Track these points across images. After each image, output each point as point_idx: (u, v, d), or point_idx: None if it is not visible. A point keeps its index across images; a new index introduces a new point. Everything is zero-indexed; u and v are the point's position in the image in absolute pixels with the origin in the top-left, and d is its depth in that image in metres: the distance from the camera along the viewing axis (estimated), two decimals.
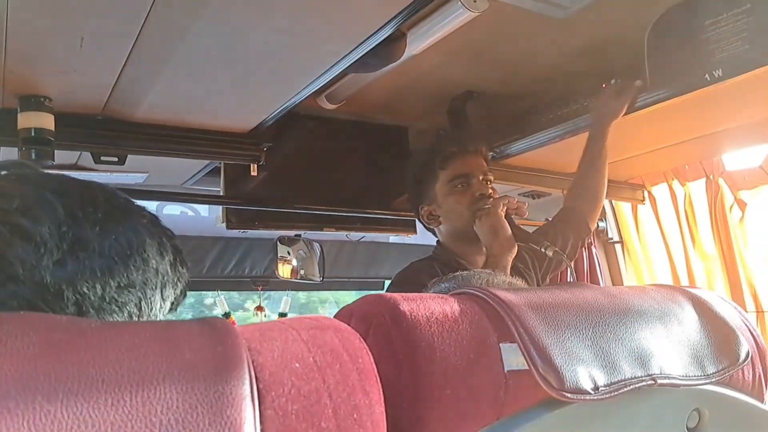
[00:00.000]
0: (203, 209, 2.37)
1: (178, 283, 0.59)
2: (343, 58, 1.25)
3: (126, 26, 1.09)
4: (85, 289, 0.50)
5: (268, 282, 2.60)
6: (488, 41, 1.59)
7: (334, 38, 1.19)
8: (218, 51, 1.22)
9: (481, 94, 1.92)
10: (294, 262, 2.36)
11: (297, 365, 0.46)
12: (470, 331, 0.58)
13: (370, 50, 1.25)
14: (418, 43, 1.45)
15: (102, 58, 1.21)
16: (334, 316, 0.63)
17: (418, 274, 1.57)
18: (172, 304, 0.58)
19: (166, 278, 0.57)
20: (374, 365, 0.50)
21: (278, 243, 2.32)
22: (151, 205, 2.07)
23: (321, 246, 2.38)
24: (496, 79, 1.83)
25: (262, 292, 2.70)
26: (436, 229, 1.73)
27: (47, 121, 1.35)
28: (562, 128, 1.85)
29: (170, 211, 2.31)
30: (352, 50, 1.22)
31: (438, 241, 1.76)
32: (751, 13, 1.40)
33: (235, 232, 2.14)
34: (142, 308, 0.54)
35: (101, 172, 1.74)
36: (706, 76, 1.46)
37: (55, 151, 1.39)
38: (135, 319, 0.54)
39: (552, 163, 2.18)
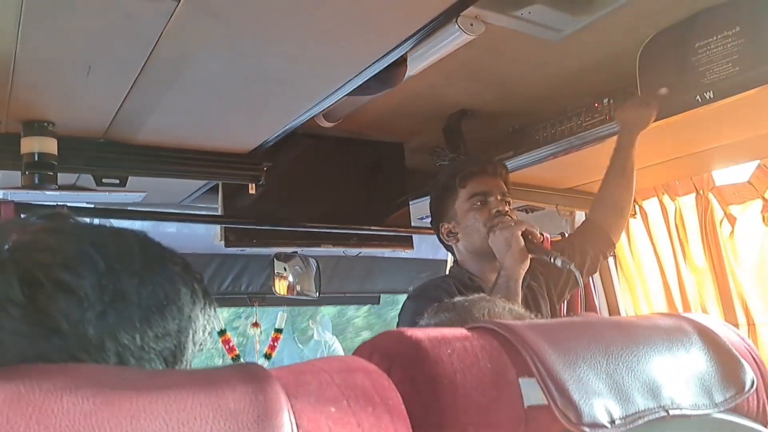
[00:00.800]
0: (200, 226, 2.37)
1: (207, 326, 0.60)
2: (347, 83, 1.27)
3: (134, 54, 1.09)
4: (125, 341, 0.51)
5: (265, 298, 2.61)
6: (484, 62, 1.62)
7: (340, 65, 1.20)
8: (223, 76, 1.23)
9: (476, 113, 1.95)
10: (290, 278, 2.37)
11: (332, 409, 0.47)
12: (490, 367, 0.60)
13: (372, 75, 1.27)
14: (416, 64, 1.47)
15: (108, 85, 1.22)
16: (354, 352, 0.64)
17: (435, 290, 1.62)
18: (201, 345, 0.60)
19: (197, 324, 0.59)
20: (403, 406, 0.52)
21: (275, 259, 2.33)
22: (147, 223, 2.08)
23: (317, 261, 2.39)
24: (491, 98, 1.86)
25: (259, 307, 2.70)
26: (454, 247, 1.76)
27: (50, 146, 1.35)
28: (555, 146, 1.88)
29: (167, 228, 2.31)
30: (357, 76, 1.24)
31: (455, 260, 1.79)
32: (740, 36, 1.42)
33: (232, 249, 2.15)
34: (176, 355, 0.56)
35: (100, 192, 1.75)
36: (698, 97, 1.48)
37: None
38: (169, 365, 0.55)
39: (545, 179, 2.21)
